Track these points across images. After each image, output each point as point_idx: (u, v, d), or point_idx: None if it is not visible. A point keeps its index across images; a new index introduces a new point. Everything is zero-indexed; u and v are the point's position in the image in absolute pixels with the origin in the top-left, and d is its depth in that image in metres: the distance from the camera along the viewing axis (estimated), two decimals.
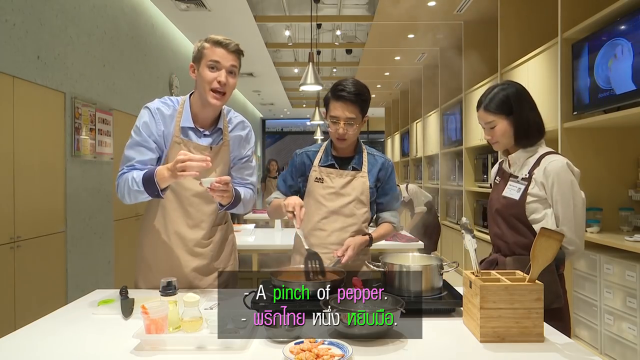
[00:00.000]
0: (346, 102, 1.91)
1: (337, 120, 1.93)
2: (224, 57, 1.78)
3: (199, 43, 1.80)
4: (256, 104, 14.86)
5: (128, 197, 1.73)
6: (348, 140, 1.97)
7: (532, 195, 1.76)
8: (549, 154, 1.78)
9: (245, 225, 4.42)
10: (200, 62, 1.79)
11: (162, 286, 1.42)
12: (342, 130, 1.92)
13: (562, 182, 1.72)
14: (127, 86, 5.11)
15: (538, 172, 1.76)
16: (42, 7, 3.65)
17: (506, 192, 1.82)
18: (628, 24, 2.89)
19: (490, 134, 1.83)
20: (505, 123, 1.78)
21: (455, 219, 6.73)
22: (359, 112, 1.93)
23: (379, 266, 1.66)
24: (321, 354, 1.15)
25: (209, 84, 1.77)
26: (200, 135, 1.87)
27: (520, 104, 1.78)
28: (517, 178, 1.80)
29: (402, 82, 10.26)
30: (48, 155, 3.74)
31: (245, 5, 6.01)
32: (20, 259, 3.35)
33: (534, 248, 1.37)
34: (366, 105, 1.96)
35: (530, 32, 4.61)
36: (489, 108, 1.80)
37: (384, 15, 5.97)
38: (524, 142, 1.80)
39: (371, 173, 2.03)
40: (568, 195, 1.72)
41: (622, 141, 3.59)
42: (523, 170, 1.80)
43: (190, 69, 1.85)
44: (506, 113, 1.78)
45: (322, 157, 2.05)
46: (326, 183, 2.01)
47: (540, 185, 1.75)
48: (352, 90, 1.91)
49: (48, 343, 1.33)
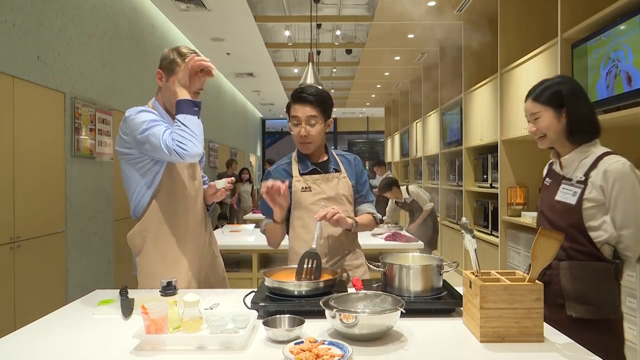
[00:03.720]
0: (304, 102, 1.94)
1: (298, 121, 1.95)
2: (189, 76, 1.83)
3: (171, 54, 1.84)
4: (256, 104, 14.86)
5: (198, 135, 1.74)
6: (313, 144, 1.96)
7: (590, 201, 1.65)
8: (608, 155, 1.67)
9: (245, 225, 4.42)
10: (170, 76, 1.83)
11: (162, 286, 1.42)
12: (304, 131, 1.93)
13: (625, 185, 1.61)
14: (127, 86, 5.11)
15: (596, 174, 1.64)
16: (42, 7, 3.65)
17: (560, 196, 1.72)
18: (628, 24, 2.89)
19: (534, 125, 1.74)
20: (552, 116, 1.70)
21: (455, 219, 6.73)
22: (319, 112, 1.94)
23: (379, 266, 1.66)
24: (321, 354, 1.15)
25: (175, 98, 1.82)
26: None
27: (575, 99, 1.69)
28: (572, 181, 1.69)
29: (402, 82, 10.26)
30: (48, 155, 3.74)
31: (245, 5, 6.01)
32: (20, 259, 3.35)
33: (533, 248, 1.37)
34: (326, 106, 1.97)
35: (530, 32, 4.61)
36: (539, 99, 1.72)
37: (384, 15, 5.98)
38: (577, 138, 1.70)
39: (349, 172, 2.04)
40: (630, 199, 1.61)
41: (622, 141, 3.59)
42: (577, 172, 1.69)
43: (157, 75, 1.88)
44: (555, 105, 1.69)
45: (301, 166, 2.02)
46: (314, 190, 1.98)
47: (599, 189, 1.64)
48: (312, 92, 1.94)
49: (48, 343, 1.33)
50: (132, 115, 1.78)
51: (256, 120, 16.40)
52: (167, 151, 1.69)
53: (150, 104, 1.91)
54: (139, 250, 1.87)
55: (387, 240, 3.50)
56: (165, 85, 1.85)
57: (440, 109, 7.33)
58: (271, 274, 1.68)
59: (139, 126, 1.75)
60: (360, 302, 1.47)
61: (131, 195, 1.87)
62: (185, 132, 1.71)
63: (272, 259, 3.77)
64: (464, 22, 6.08)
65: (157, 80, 1.88)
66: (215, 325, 1.33)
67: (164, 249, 1.85)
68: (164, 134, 1.71)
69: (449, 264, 1.65)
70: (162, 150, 1.70)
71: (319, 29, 7.09)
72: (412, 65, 8.62)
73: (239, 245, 3.55)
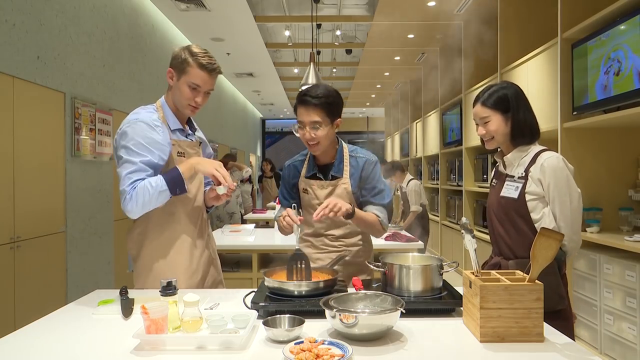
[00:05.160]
0: (308, 106, 1.90)
1: (302, 125, 1.93)
2: (205, 81, 1.82)
3: (183, 53, 1.81)
4: (256, 104, 14.86)
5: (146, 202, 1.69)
6: (320, 146, 1.95)
7: (530, 194, 1.76)
8: (544, 151, 1.80)
9: (245, 225, 4.42)
10: (181, 75, 1.81)
11: (162, 286, 1.42)
12: (309, 135, 1.91)
13: (559, 178, 1.73)
14: (127, 86, 5.11)
15: (534, 169, 1.76)
16: (42, 7, 3.65)
17: (504, 192, 1.83)
18: (628, 24, 2.89)
19: (484, 129, 1.84)
20: (500, 120, 1.80)
21: (455, 219, 6.73)
22: (324, 116, 1.90)
23: (379, 266, 1.66)
24: (321, 354, 1.15)
25: (187, 101, 1.83)
26: (184, 134, 1.93)
27: (518, 103, 1.80)
28: (514, 177, 1.82)
29: (402, 82, 10.26)
30: (48, 155, 3.74)
31: (245, 5, 6.01)
32: (20, 259, 3.35)
33: (533, 248, 1.37)
34: (333, 107, 1.92)
35: (530, 32, 4.61)
36: (487, 103, 1.82)
37: (384, 15, 5.98)
38: (519, 141, 1.82)
39: (353, 177, 2.00)
40: (564, 191, 1.73)
41: (622, 141, 3.59)
42: (519, 169, 1.81)
43: (167, 73, 1.86)
44: (502, 110, 1.80)
45: (307, 168, 2.05)
46: (311, 195, 2.02)
47: (538, 182, 1.75)
48: (316, 94, 1.89)
49: (48, 343, 1.33)
50: (125, 126, 1.77)
51: (256, 120, 16.40)
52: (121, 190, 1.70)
53: (158, 104, 1.89)
54: (136, 251, 1.87)
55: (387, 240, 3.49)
56: (175, 84, 1.83)
57: (440, 109, 7.33)
58: (271, 274, 1.69)
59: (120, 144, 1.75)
60: (360, 302, 1.47)
61: None
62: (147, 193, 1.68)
63: (272, 259, 3.77)
64: (464, 22, 6.08)
65: (167, 79, 1.86)
66: (215, 325, 1.33)
67: (161, 250, 1.85)
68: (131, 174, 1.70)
69: (449, 264, 1.66)
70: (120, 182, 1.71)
71: (319, 29, 7.10)
72: (412, 65, 8.62)
73: (239, 245, 3.55)
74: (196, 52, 1.81)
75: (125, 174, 1.71)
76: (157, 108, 1.88)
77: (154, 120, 1.80)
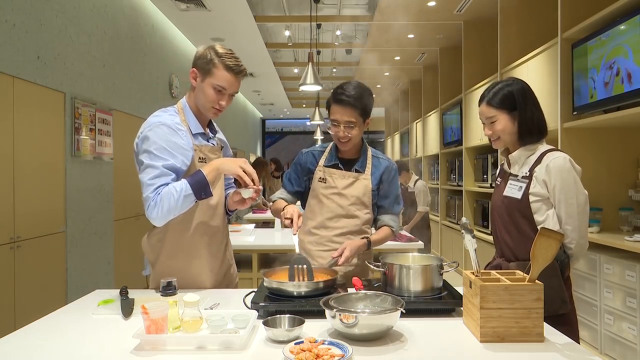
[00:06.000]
0: (345, 105, 1.92)
1: (337, 123, 1.96)
2: (232, 84, 1.76)
3: (209, 53, 1.75)
4: (256, 104, 14.86)
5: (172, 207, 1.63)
6: (350, 143, 1.99)
7: (534, 195, 1.71)
8: (551, 151, 1.74)
9: (245, 225, 4.42)
10: (205, 76, 1.74)
11: (162, 286, 1.42)
12: (342, 133, 1.96)
13: (565, 179, 1.67)
14: (127, 86, 5.11)
15: (539, 169, 1.70)
16: (42, 7, 3.65)
17: (507, 192, 1.78)
18: (628, 24, 2.89)
19: (490, 129, 1.79)
20: (507, 119, 1.75)
21: (455, 219, 6.73)
22: (358, 115, 1.94)
23: (379, 266, 1.67)
24: (321, 354, 1.15)
25: (211, 103, 1.76)
26: (206, 138, 1.86)
27: (525, 100, 1.74)
28: (518, 177, 1.76)
29: (402, 82, 10.26)
30: (48, 155, 3.74)
31: (245, 5, 6.01)
32: (20, 259, 3.35)
33: (533, 248, 1.37)
34: (367, 108, 1.96)
35: (530, 32, 4.61)
36: (492, 103, 1.76)
37: (384, 15, 5.98)
38: (527, 140, 1.76)
39: (374, 176, 2.04)
40: (571, 193, 1.68)
41: (622, 141, 3.59)
42: (523, 168, 1.76)
43: (191, 73, 1.79)
44: (509, 109, 1.74)
45: (327, 158, 2.08)
46: (328, 183, 2.03)
47: (542, 183, 1.70)
48: (352, 94, 1.92)
49: (48, 343, 1.33)
50: (146, 130, 1.70)
51: (256, 120, 16.40)
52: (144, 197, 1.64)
53: (179, 105, 1.83)
54: (154, 257, 1.81)
55: None
56: (199, 85, 1.76)
57: (440, 109, 7.33)
58: (270, 275, 1.68)
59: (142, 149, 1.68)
60: (360, 302, 1.47)
61: None
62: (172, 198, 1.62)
63: (272, 259, 3.77)
64: (464, 22, 6.08)
65: (190, 79, 1.79)
66: (215, 325, 1.33)
67: (179, 259, 1.79)
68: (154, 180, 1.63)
69: (449, 264, 1.66)
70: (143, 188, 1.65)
71: (319, 29, 7.09)
72: (412, 65, 8.62)
73: (239, 245, 3.55)
74: (222, 53, 1.74)
75: (147, 180, 1.64)
76: (178, 110, 1.81)
77: (176, 123, 1.74)
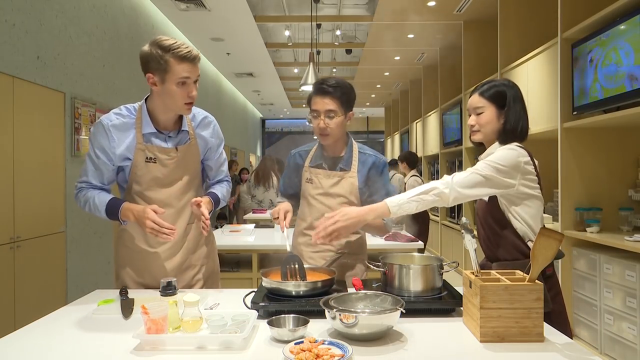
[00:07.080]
0: (324, 95, 1.93)
1: (317, 113, 1.95)
2: (191, 71, 1.72)
3: (155, 52, 1.70)
4: (256, 104, 14.86)
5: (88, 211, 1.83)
6: (331, 136, 1.97)
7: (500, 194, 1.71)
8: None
9: (245, 225, 4.42)
10: (164, 77, 1.71)
11: (162, 286, 1.42)
12: (323, 124, 1.94)
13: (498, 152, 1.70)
14: (127, 86, 5.11)
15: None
16: (42, 7, 3.65)
17: None
18: (628, 24, 2.89)
19: (475, 120, 1.79)
20: (494, 114, 1.75)
21: (455, 219, 6.73)
22: (339, 105, 1.94)
23: (379, 266, 1.66)
24: (321, 354, 1.15)
25: (182, 100, 1.74)
26: (163, 138, 1.84)
27: (515, 102, 1.75)
28: None
29: (402, 82, 10.26)
30: (48, 155, 3.74)
31: (245, 5, 6.01)
32: (20, 259, 3.35)
33: (533, 248, 1.37)
34: (347, 99, 1.96)
35: (530, 32, 4.61)
36: (484, 94, 1.77)
37: (384, 15, 5.98)
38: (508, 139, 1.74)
39: (360, 173, 2.01)
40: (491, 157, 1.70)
41: (622, 141, 3.59)
42: None
43: (148, 80, 1.74)
44: (498, 104, 1.75)
45: (312, 158, 2.07)
46: (315, 184, 2.02)
47: None
48: (331, 84, 1.94)
49: (48, 343, 1.33)
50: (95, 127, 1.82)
51: (256, 120, 16.40)
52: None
53: (138, 105, 1.83)
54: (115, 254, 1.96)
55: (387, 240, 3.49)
56: (162, 89, 1.72)
57: (440, 109, 7.33)
58: (269, 274, 1.68)
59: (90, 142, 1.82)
60: (360, 302, 1.47)
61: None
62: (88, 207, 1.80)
63: (272, 259, 3.77)
64: (464, 22, 6.08)
65: (150, 86, 1.75)
66: (215, 325, 1.33)
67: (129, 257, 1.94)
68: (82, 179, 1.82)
69: (449, 264, 1.65)
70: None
71: (319, 29, 7.10)
72: (412, 65, 8.62)
73: (239, 245, 3.55)
74: (167, 46, 1.69)
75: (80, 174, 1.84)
76: (137, 109, 1.82)
77: (112, 123, 1.77)
